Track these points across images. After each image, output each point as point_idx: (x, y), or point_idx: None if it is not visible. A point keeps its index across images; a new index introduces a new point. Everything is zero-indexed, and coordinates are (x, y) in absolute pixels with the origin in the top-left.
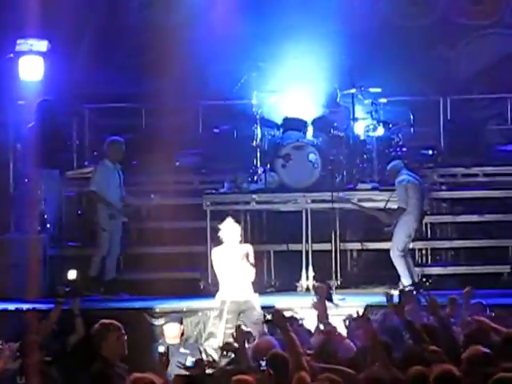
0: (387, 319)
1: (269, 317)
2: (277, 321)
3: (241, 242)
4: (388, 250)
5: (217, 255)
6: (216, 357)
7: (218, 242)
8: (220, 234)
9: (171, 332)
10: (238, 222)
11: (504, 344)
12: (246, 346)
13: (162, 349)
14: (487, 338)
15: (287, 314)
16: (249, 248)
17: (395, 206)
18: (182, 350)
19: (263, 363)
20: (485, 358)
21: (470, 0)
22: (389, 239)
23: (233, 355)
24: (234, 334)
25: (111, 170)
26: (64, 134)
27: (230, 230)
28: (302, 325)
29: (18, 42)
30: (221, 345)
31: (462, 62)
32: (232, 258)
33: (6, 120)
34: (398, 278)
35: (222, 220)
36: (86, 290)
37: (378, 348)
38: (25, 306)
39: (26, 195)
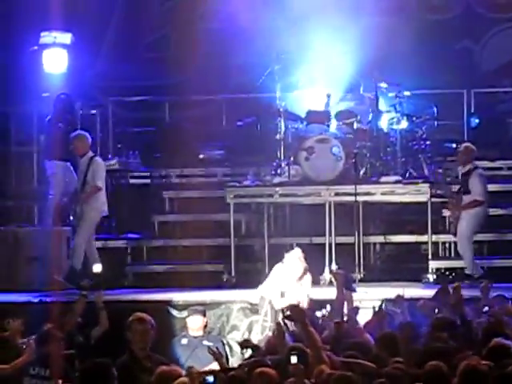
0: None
1: (287, 312)
2: (295, 316)
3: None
4: (410, 244)
5: (278, 271)
6: (238, 350)
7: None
8: (286, 261)
9: (194, 324)
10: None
11: None
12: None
13: None
14: (503, 332)
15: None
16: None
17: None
18: (205, 342)
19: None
20: (506, 350)
21: None
22: (412, 233)
23: (250, 351)
24: (274, 331)
25: None
26: (78, 128)
27: (295, 263)
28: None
29: (42, 34)
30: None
31: (486, 55)
32: (288, 279)
33: (30, 112)
34: (424, 270)
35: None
36: (110, 283)
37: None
38: (48, 298)
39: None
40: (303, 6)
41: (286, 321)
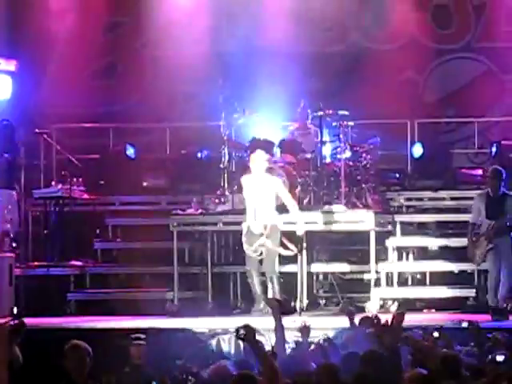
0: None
1: (241, 331)
2: (247, 336)
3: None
4: (354, 273)
5: (245, 182)
6: None
7: None
8: (249, 163)
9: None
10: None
11: (441, 365)
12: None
13: None
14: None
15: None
16: (277, 182)
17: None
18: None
19: None
20: (424, 381)
21: (438, 24)
22: (355, 262)
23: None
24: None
25: None
26: (20, 155)
27: (256, 160)
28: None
29: None
30: None
31: (430, 85)
32: (257, 187)
33: None
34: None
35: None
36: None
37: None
38: None
39: None
40: (250, 35)
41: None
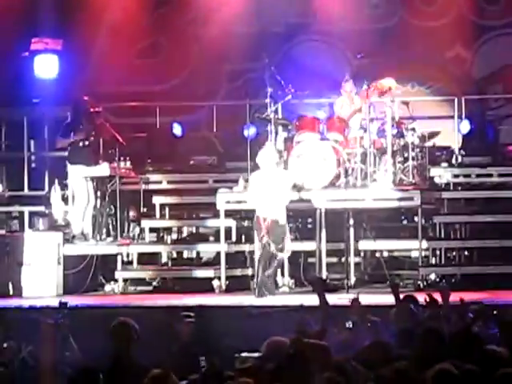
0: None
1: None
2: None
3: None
4: (401, 250)
5: (254, 178)
6: None
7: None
8: (257, 159)
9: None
10: None
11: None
12: None
13: None
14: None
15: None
16: (286, 175)
17: None
18: None
19: None
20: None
21: (486, 0)
22: (401, 237)
23: None
24: None
25: None
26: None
27: (265, 155)
28: None
29: (33, 40)
30: None
31: (477, 61)
32: (267, 181)
33: (21, 117)
34: (411, 276)
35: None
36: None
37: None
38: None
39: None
40: (295, 11)
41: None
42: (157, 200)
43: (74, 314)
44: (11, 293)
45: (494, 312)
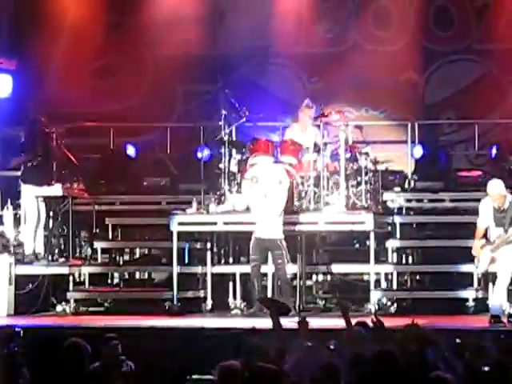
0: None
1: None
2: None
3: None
4: (354, 274)
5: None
6: None
7: None
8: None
9: None
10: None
11: None
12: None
13: None
14: None
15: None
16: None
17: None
18: None
19: None
20: None
21: (440, 26)
22: (353, 261)
23: None
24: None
25: None
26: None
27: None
28: None
29: None
30: None
31: (430, 87)
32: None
33: None
34: (363, 300)
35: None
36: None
37: None
38: None
39: None
40: (250, 33)
41: None
42: (109, 221)
43: (25, 336)
44: None
45: (457, 340)
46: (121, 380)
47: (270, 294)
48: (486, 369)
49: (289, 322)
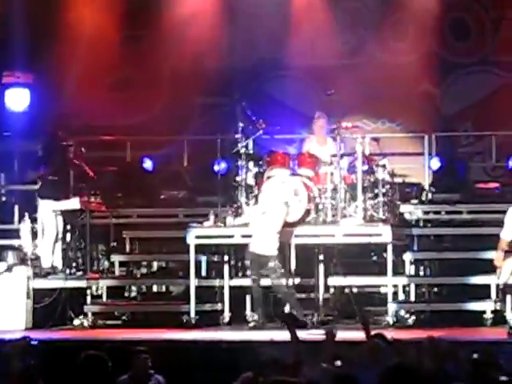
0: None
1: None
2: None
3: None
4: (371, 286)
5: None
6: None
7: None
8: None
9: None
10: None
11: None
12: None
13: None
14: None
15: None
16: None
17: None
18: None
19: None
20: None
21: (456, 37)
22: (371, 273)
23: None
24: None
25: None
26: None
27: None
28: None
29: (5, 74)
30: None
31: (447, 98)
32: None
33: None
34: (380, 312)
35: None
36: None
37: None
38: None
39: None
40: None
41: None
42: (127, 234)
43: (42, 349)
44: None
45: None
46: None
47: (287, 309)
48: (504, 378)
49: (308, 335)
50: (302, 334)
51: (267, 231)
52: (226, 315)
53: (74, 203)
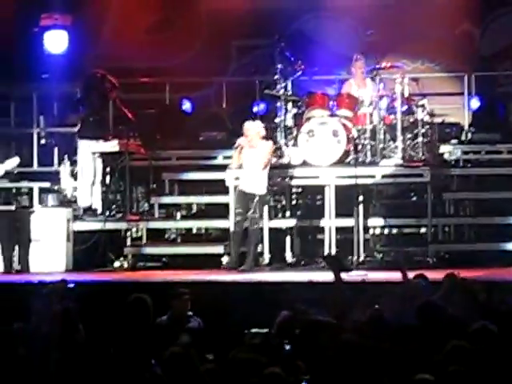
0: None
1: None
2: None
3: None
4: (411, 227)
5: (240, 143)
6: None
7: None
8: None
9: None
10: None
11: None
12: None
13: None
14: None
15: None
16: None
17: None
18: None
19: None
20: None
21: None
22: (412, 215)
23: None
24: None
25: None
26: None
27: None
28: None
29: (43, 16)
30: None
31: (487, 38)
32: (251, 152)
33: (30, 93)
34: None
35: None
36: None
37: None
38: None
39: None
40: None
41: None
42: (166, 176)
43: (80, 291)
44: (19, 269)
45: None
46: (186, 335)
47: (331, 250)
48: None
49: (354, 277)
50: (343, 276)
51: (256, 169)
52: (266, 256)
53: (113, 145)
